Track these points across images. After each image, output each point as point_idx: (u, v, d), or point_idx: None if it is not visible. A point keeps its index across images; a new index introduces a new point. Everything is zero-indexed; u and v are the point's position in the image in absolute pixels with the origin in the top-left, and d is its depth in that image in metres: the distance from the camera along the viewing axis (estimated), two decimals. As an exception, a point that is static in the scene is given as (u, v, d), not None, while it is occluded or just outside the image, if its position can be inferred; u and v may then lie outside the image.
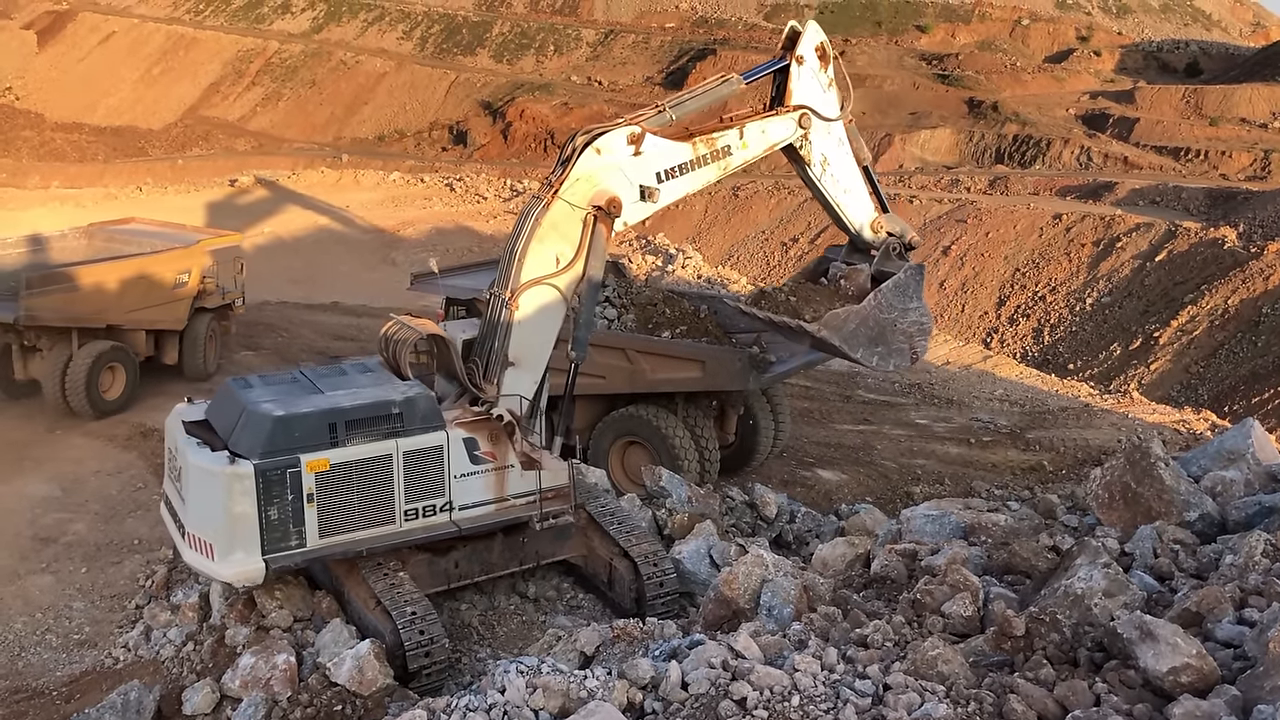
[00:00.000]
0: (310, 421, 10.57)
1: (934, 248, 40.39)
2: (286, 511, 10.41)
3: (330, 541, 10.72)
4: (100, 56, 72.83)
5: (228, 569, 10.43)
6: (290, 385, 11.45)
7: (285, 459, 10.35)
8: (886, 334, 13.70)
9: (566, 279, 11.82)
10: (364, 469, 10.75)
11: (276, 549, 10.45)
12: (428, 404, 11.24)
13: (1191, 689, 6.09)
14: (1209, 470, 10.01)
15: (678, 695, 6.85)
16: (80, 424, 19.66)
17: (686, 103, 12.70)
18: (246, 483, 10.21)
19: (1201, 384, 30.36)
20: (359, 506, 10.80)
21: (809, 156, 13.50)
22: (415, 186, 49.82)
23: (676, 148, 12.35)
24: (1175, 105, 54.01)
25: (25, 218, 32.23)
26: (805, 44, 13.32)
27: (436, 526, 11.27)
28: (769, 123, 13.16)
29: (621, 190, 11.90)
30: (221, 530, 10.38)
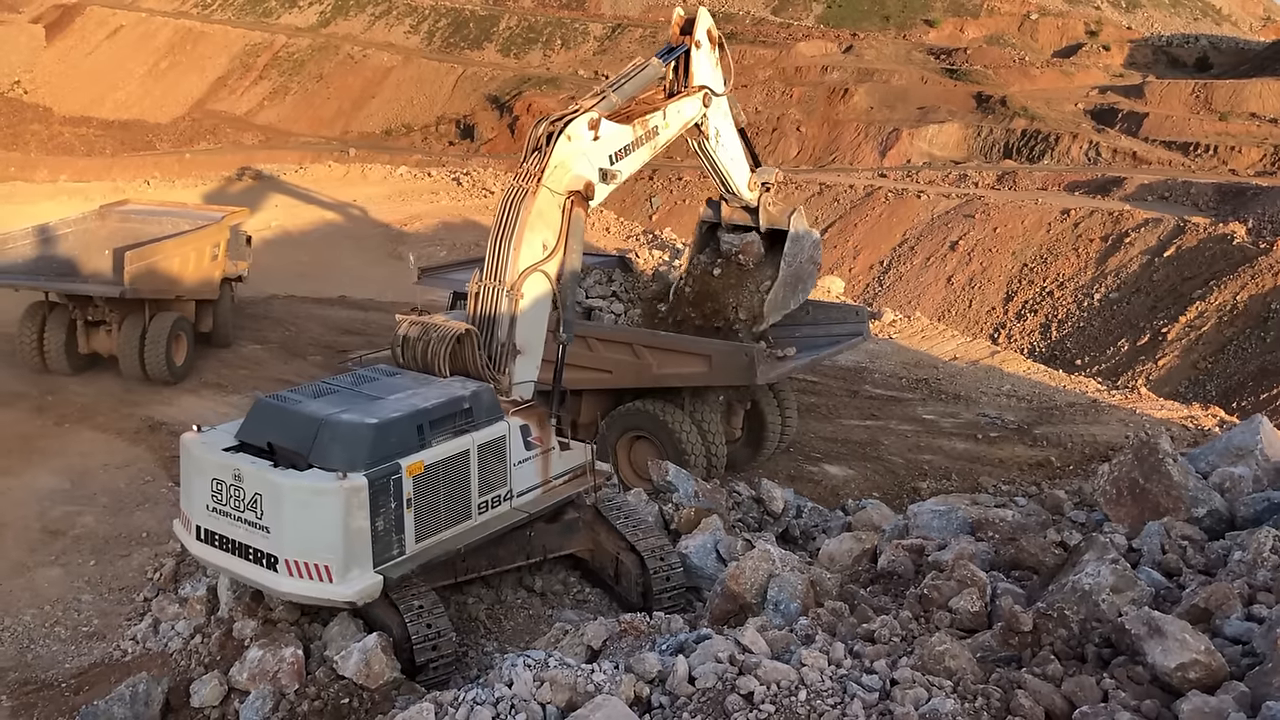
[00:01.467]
0: (402, 425, 10.36)
1: (941, 243, 40.33)
2: (390, 520, 10.13)
3: (425, 545, 10.54)
4: (108, 50, 73.00)
5: (349, 588, 9.97)
6: (342, 395, 11.01)
7: (388, 466, 10.07)
8: (801, 276, 16.82)
9: (553, 264, 12.17)
10: (449, 467, 10.69)
11: (383, 560, 10.14)
12: (490, 396, 11.37)
13: (1200, 685, 6.09)
14: (1217, 466, 9.99)
15: (685, 689, 6.86)
16: (89, 417, 19.72)
17: (624, 86, 13.35)
18: (362, 495, 9.83)
19: (1210, 380, 30.27)
20: (445, 505, 10.74)
21: (708, 130, 14.87)
22: (422, 180, 49.84)
23: (623, 130, 13.05)
24: (1185, 100, 53.82)
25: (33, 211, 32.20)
26: (700, 29, 14.45)
27: (504, 516, 11.37)
28: (682, 103, 14.26)
29: (590, 174, 12.41)
30: (338, 549, 9.87)
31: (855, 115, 54.95)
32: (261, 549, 10.11)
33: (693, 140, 15.04)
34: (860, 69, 60.18)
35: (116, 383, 21.62)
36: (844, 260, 41.51)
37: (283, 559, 9.99)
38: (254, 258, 26.03)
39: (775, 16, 72.10)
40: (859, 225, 42.82)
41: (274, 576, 10.10)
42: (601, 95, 12.94)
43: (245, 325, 25.85)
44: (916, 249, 40.77)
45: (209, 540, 10.57)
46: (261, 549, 10.11)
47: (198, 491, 10.56)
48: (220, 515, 10.37)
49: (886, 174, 48.68)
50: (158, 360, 21.15)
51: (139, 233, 22.40)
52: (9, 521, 15.38)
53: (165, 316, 21.55)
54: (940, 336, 29.16)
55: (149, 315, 21.34)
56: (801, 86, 57.88)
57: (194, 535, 10.72)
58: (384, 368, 12.01)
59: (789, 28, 69.77)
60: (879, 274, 40.72)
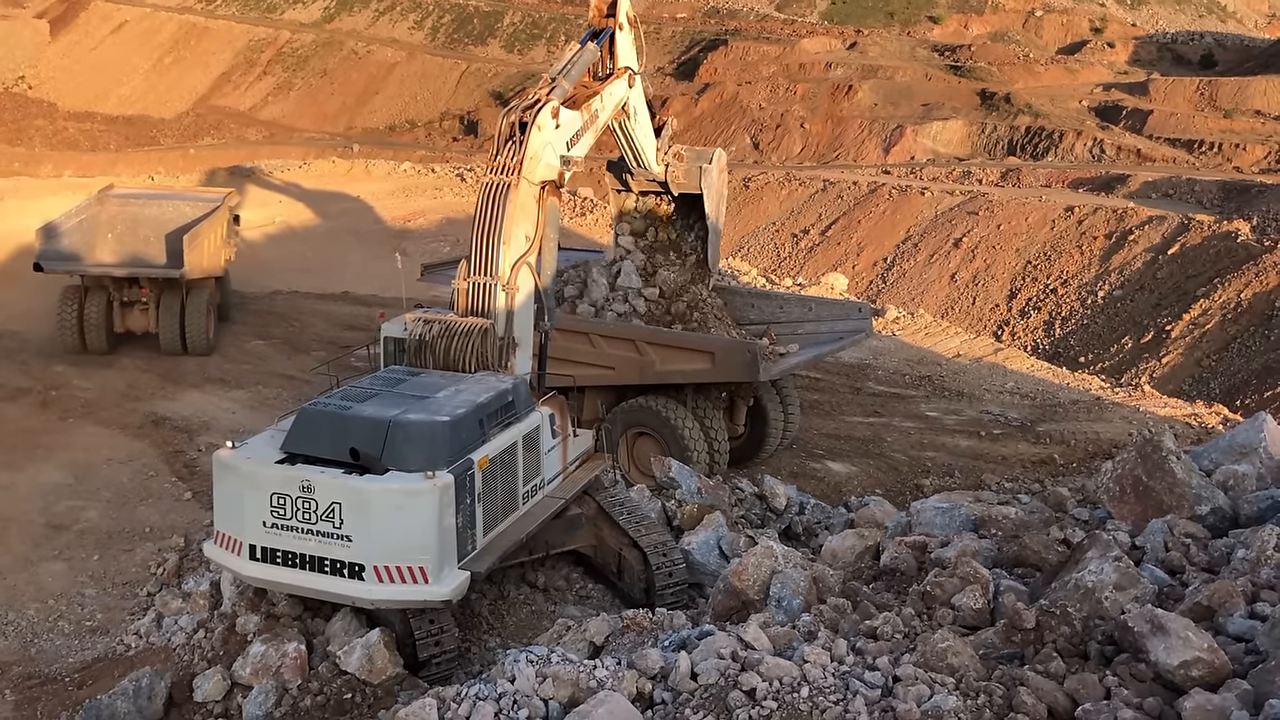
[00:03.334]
0: (469, 421, 10.43)
1: (945, 239, 40.28)
2: (467, 515, 10.20)
3: (490, 537, 10.58)
4: (112, 46, 73.01)
5: (445, 587, 9.97)
6: (388, 396, 10.86)
7: (464, 462, 10.15)
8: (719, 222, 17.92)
9: (533, 254, 12.30)
10: (504, 459, 10.85)
11: (463, 554, 10.20)
12: (525, 389, 11.64)
13: (1202, 683, 6.08)
14: (1221, 464, 9.98)
15: (687, 685, 6.87)
16: (92, 412, 19.75)
17: (571, 73, 13.58)
18: (449, 493, 9.84)
19: (1213, 378, 30.22)
20: (501, 497, 10.89)
21: (629, 109, 15.45)
22: (426, 176, 49.80)
23: (575, 116, 13.32)
24: (1189, 97, 53.68)
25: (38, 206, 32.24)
26: (623, 14, 15.01)
27: (542, 507, 11.57)
28: (613, 85, 14.76)
29: (555, 162, 12.58)
30: (433, 549, 9.85)
31: (859, 112, 54.87)
32: (342, 559, 9.89)
33: (614, 120, 15.41)
34: (864, 65, 60.09)
35: (120, 378, 21.68)
36: (847, 257, 41.48)
37: (370, 566, 9.84)
38: (257, 253, 26.43)
39: (779, 13, 71.99)
40: (863, 222, 42.77)
41: (360, 586, 9.94)
42: (553, 84, 13.01)
43: (248, 320, 25.89)
44: (920, 246, 40.72)
45: (269, 559, 10.18)
46: (342, 559, 9.89)
47: (251, 509, 10.16)
48: (284, 530, 10.04)
49: (890, 171, 48.60)
50: (199, 333, 22.91)
51: (140, 215, 23.25)
52: (13, 516, 15.42)
53: (200, 294, 23.21)
54: (944, 333, 29.13)
55: (186, 292, 22.93)
56: (805, 83, 57.80)
57: (246, 555, 10.28)
58: (404, 368, 11.93)
59: (793, 24, 69.67)
60: (882, 270, 40.67)
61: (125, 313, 23.00)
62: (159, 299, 22.83)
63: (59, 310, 22.55)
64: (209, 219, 23.49)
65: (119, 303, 22.84)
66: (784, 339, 18.18)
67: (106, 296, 22.70)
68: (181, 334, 22.84)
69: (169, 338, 22.81)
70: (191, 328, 22.86)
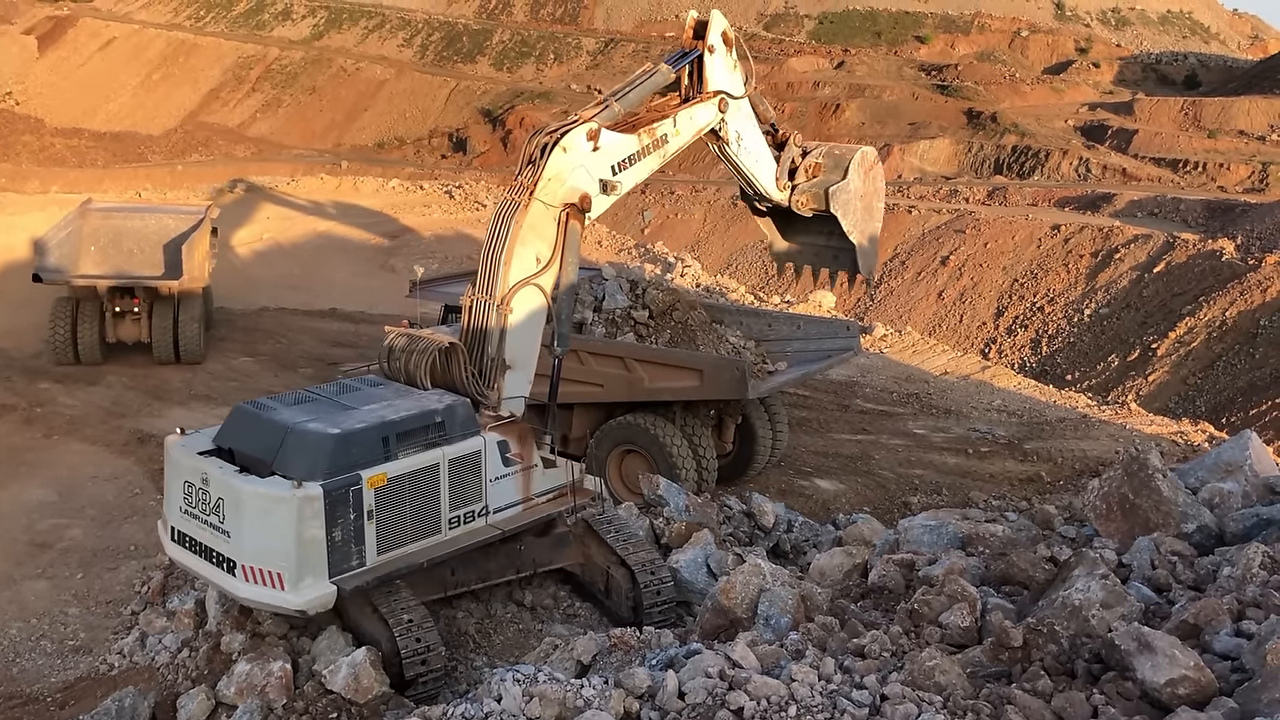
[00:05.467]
0: (367, 437, 10.36)
1: (932, 258, 40.44)
2: (349, 531, 10.14)
3: (388, 557, 10.52)
4: (100, 62, 72.95)
5: (299, 597, 10.02)
6: (317, 404, 11.10)
7: (348, 477, 10.08)
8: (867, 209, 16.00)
9: (547, 278, 12.01)
10: (415, 481, 10.65)
11: (340, 570, 10.16)
12: (465, 410, 11.30)
13: (1189, 701, 6.08)
14: (1207, 482, 10.01)
15: (674, 705, 6.84)
16: (77, 430, 19.65)
17: (628, 95, 13.04)
18: (316, 505, 9.85)
19: (1199, 395, 30.37)
20: (411, 519, 10.69)
21: (727, 135, 14.30)
22: (414, 194, 49.85)
23: (626, 140, 12.77)
24: (1174, 117, 54.13)
25: (24, 221, 32.22)
26: (714, 33, 13.92)
27: (477, 532, 11.28)
28: (696, 110, 13.79)
29: (586, 186, 12.19)
30: (291, 558, 9.91)
31: (847, 130, 55.12)
32: (223, 553, 10.28)
33: (713, 145, 14.60)
34: (852, 84, 60.44)
35: (105, 395, 21.59)
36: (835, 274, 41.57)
37: (240, 564, 10.11)
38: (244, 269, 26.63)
39: (767, 32, 72.43)
40: (850, 240, 42.90)
41: (232, 581, 10.27)
42: (604, 105, 12.67)
43: (236, 337, 25.85)
44: (907, 264, 40.88)
45: (181, 541, 10.82)
46: (223, 553, 10.28)
47: (174, 493, 10.82)
48: (190, 517, 10.61)
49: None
50: (192, 342, 23.41)
51: (122, 228, 23.64)
52: (-4, 534, 15.30)
53: (191, 303, 23.69)
54: (931, 351, 29.22)
55: (178, 302, 23.46)
56: (793, 102, 58.12)
57: (169, 536, 10.97)
58: (370, 378, 11.99)
59: (781, 43, 70.09)
60: (870, 289, 40.78)
61: (118, 323, 23.32)
62: (151, 309, 23.21)
63: (51, 322, 22.71)
64: (198, 230, 23.83)
65: (111, 313, 23.16)
66: (772, 357, 18.21)
67: (99, 307, 22.97)
68: (175, 343, 23.27)
69: (162, 347, 23.19)
70: (185, 337, 23.37)
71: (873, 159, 15.86)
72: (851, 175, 15.28)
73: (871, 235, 16.27)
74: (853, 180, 15.31)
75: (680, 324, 17.52)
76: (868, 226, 16.01)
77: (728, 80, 14.18)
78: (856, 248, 15.90)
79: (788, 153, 15.36)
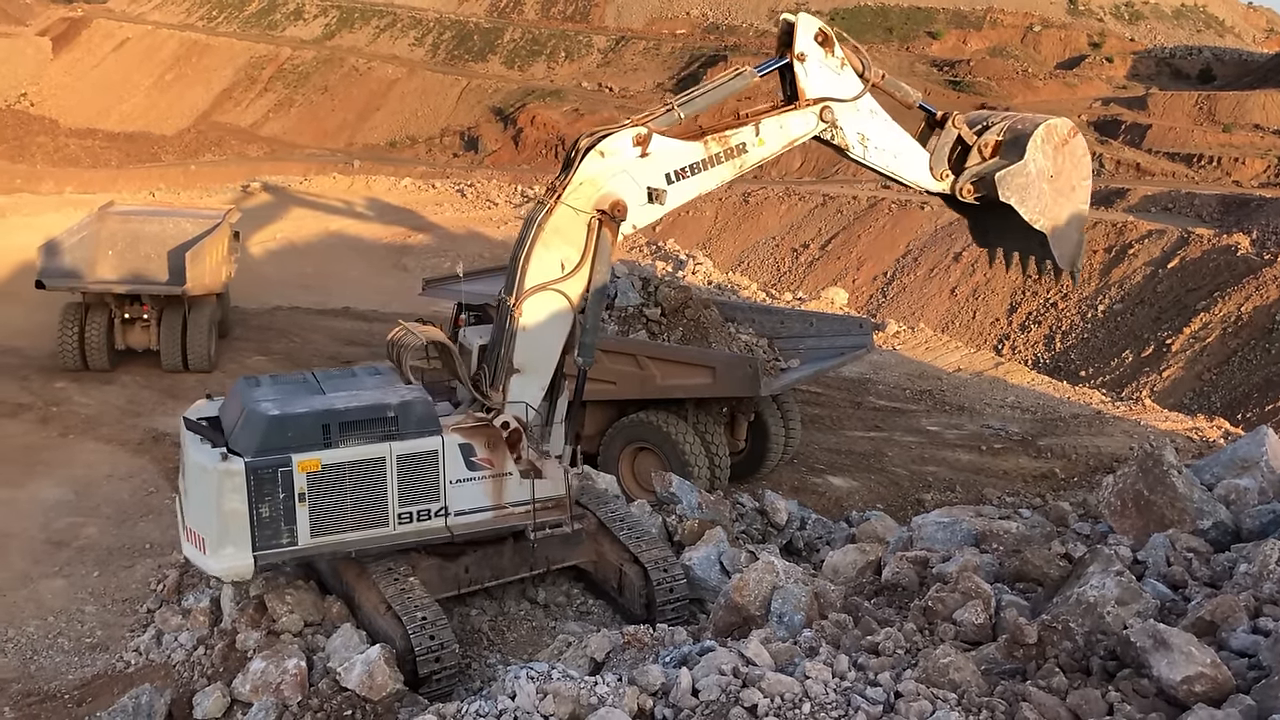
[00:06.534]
0: (304, 422, 10.70)
1: (945, 254, 40.31)
2: (278, 509, 10.54)
3: (322, 541, 10.82)
4: (114, 63, 73.31)
5: (218, 563, 10.68)
6: (297, 386, 11.62)
7: (277, 458, 10.50)
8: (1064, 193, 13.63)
9: (572, 284, 11.58)
10: (357, 471, 10.82)
11: (268, 546, 10.60)
12: (424, 408, 11.23)
13: (1206, 698, 6.06)
14: (1222, 478, 9.96)
15: (688, 702, 6.84)
16: (93, 429, 19.74)
17: (696, 100, 12.22)
18: (238, 479, 10.37)
19: (1214, 391, 30.20)
20: (352, 508, 10.86)
21: (844, 142, 12.89)
22: (426, 192, 49.94)
23: (687, 147, 11.97)
24: (1188, 112, 53.80)
25: (40, 222, 32.38)
26: (802, 39, 12.60)
27: (430, 531, 11.27)
28: (788, 118, 12.51)
29: (627, 193, 11.57)
30: (214, 525, 10.58)
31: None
32: (183, 513, 11.30)
33: (835, 151, 13.18)
34: (863, 81, 60.19)
35: (120, 394, 21.69)
36: (848, 271, 41.49)
37: (186, 524, 11.09)
38: (258, 269, 26.38)
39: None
40: (862, 236, 42.81)
41: (182, 538, 11.31)
42: (666, 109, 11.95)
43: (249, 336, 25.92)
44: (920, 260, 40.75)
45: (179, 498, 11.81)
46: (183, 513, 11.30)
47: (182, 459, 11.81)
48: (181, 478, 11.72)
49: (890, 185, 48.64)
50: (201, 350, 22.90)
51: (140, 232, 23.10)
52: (13, 533, 15.40)
53: (202, 310, 23.22)
54: (944, 348, 29.14)
55: (188, 309, 22.98)
56: (805, 98, 57.93)
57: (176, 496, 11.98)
58: (375, 367, 12.22)
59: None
60: (882, 285, 40.69)
61: (126, 330, 22.98)
62: (160, 316, 22.87)
63: (60, 328, 22.51)
64: (210, 236, 23.43)
65: (120, 319, 22.84)
66: (785, 354, 18.20)
67: (108, 313, 22.70)
68: (183, 351, 22.86)
69: (170, 355, 22.82)
70: (193, 345, 22.90)
71: (1065, 132, 13.53)
72: (1030, 155, 13.13)
73: (1069, 220, 13.79)
74: (1032, 161, 13.15)
75: (692, 321, 17.51)
76: (1060, 211, 13.64)
77: (831, 85, 12.72)
78: (1048, 237, 13.67)
79: (946, 135, 13.50)
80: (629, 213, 11.60)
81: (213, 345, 23.35)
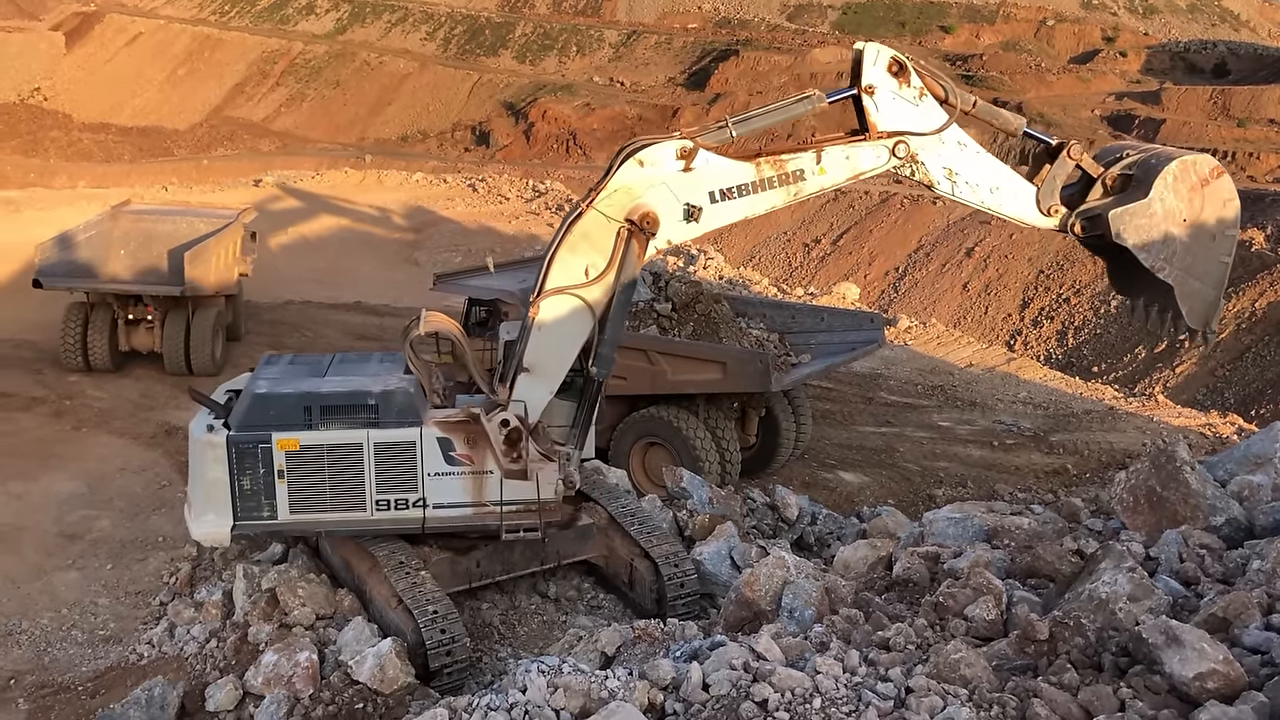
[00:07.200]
0: (287, 402, 11.17)
1: (957, 249, 40.22)
2: (258, 483, 11.06)
3: (300, 519, 11.27)
4: (127, 57, 73.54)
5: (198, 528, 11.43)
6: (307, 367, 12.13)
7: (258, 434, 11.00)
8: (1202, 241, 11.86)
9: (593, 291, 11.25)
10: (335, 454, 11.16)
11: (249, 517, 11.15)
12: (405, 399, 11.32)
13: (1218, 695, 6.04)
14: (1235, 474, 9.92)
15: (699, 696, 6.85)
16: (106, 422, 19.84)
17: (753, 120, 11.57)
18: (219, 451, 10.99)
19: (1228, 387, 30.07)
20: (330, 489, 11.20)
21: (928, 178, 11.85)
22: (438, 187, 49.97)
23: (737, 167, 11.35)
24: (1202, 106, 53.52)
25: (52, 216, 32.50)
26: (870, 72, 11.56)
27: (407, 520, 11.46)
28: (856, 149, 11.61)
29: (663, 207, 11.13)
30: (197, 492, 11.32)
31: (870, 122, 54.81)
32: None
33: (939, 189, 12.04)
34: (875, 75, 59.98)
35: (134, 387, 21.78)
36: (859, 266, 41.44)
37: (187, 489, 11.81)
38: (271, 263, 26.28)
39: (790, 23, 72.05)
40: (874, 232, 42.75)
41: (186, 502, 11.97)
42: (719, 125, 11.39)
43: (262, 330, 25.97)
44: (932, 255, 40.67)
45: None
46: None
47: None
48: None
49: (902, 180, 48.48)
50: (204, 354, 22.27)
51: (153, 232, 22.80)
52: (27, 525, 15.50)
53: (207, 312, 22.61)
54: (956, 343, 29.06)
55: (191, 311, 22.42)
56: (817, 93, 57.76)
57: None
58: (394, 354, 12.41)
59: (804, 34, 69.71)
60: (894, 280, 40.62)
61: (130, 331, 22.47)
62: (164, 317, 22.33)
63: (63, 328, 22.19)
64: (218, 235, 23.01)
65: (124, 320, 22.39)
66: (796, 349, 18.18)
67: (111, 314, 22.31)
68: (187, 354, 22.30)
69: (173, 357, 22.29)
70: (196, 348, 22.27)
71: (1205, 171, 11.73)
72: (1158, 193, 11.48)
73: (1204, 272, 11.93)
74: (1159, 200, 11.49)
75: (703, 316, 17.50)
76: (1192, 260, 11.83)
77: (907, 118, 11.61)
78: (1175, 290, 11.96)
79: (1060, 166, 11.96)
80: (661, 228, 11.16)
81: (218, 348, 22.75)
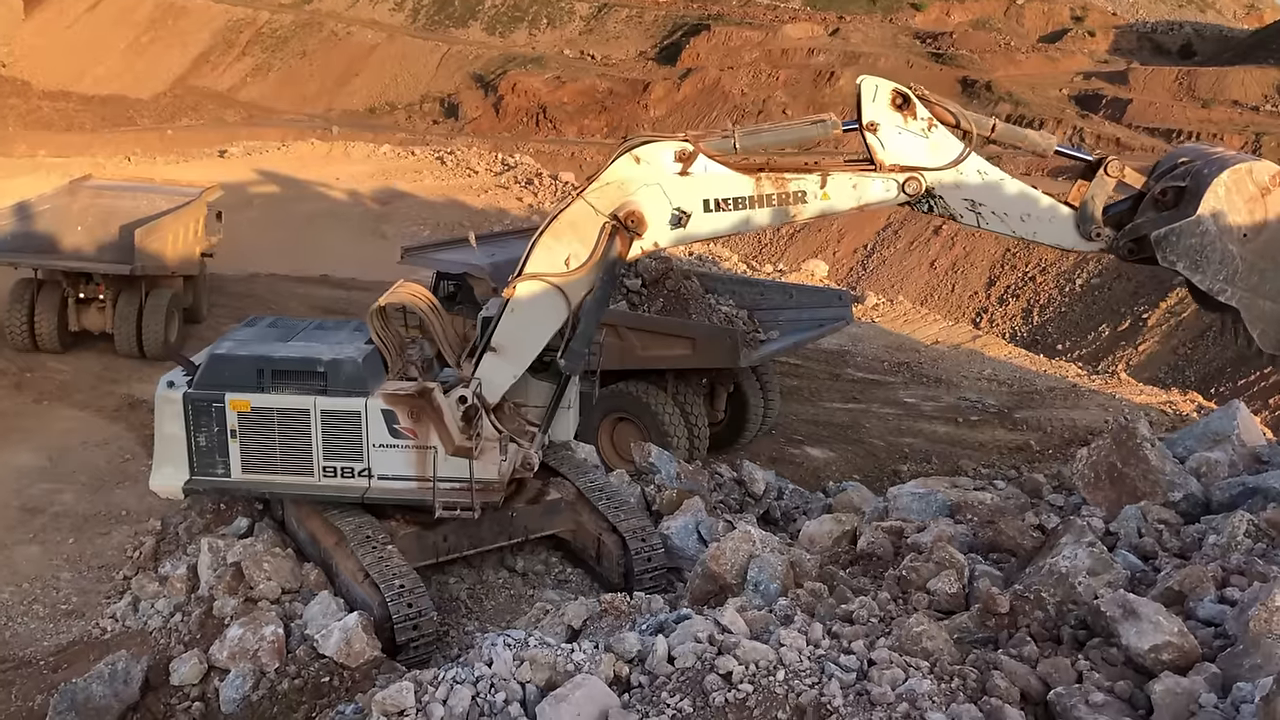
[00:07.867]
0: (241, 364, 11.45)
1: (925, 227, 40.43)
2: (213, 441, 11.42)
3: (251, 479, 11.54)
4: (88, 24, 72.22)
5: (156, 480, 11.88)
6: (279, 331, 12.40)
7: (212, 393, 11.32)
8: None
9: (571, 283, 10.95)
10: (284, 418, 11.36)
11: (204, 474, 11.52)
12: (354, 369, 11.31)
13: (1172, 666, 6.16)
14: (1194, 451, 10.09)
15: (664, 669, 6.89)
16: (68, 395, 19.59)
17: (761, 135, 11.08)
18: (175, 407, 11.40)
19: (1189, 366, 30.50)
20: (279, 452, 11.42)
21: (953, 209, 10.98)
22: (406, 159, 49.53)
23: (736, 179, 10.85)
24: (1168, 87, 54.01)
25: (11, 186, 31.90)
26: (870, 109, 10.77)
27: (351, 489, 11.57)
28: (865, 179, 10.85)
29: (652, 208, 10.72)
30: (159, 446, 11.76)
31: (841, 98, 54.85)
32: None
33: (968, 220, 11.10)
34: (846, 52, 60.09)
35: (96, 360, 21.47)
36: (828, 244, 41.58)
37: None
38: (236, 235, 25.90)
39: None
40: (843, 209, 42.89)
41: None
42: (724, 134, 10.90)
43: (227, 303, 25.69)
44: (900, 233, 40.86)
45: None
46: None
47: None
48: None
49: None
50: (156, 336, 21.22)
51: (112, 208, 21.95)
52: (-13, 499, 15.31)
53: (161, 293, 21.67)
54: (922, 321, 29.26)
55: (145, 292, 21.45)
56: (787, 69, 57.73)
57: None
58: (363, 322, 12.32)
59: (775, 10, 69.55)
60: (862, 258, 40.81)
61: (81, 310, 21.36)
62: (116, 297, 21.20)
63: (9, 305, 21.10)
64: (175, 213, 22.04)
65: (74, 299, 21.25)
66: (765, 326, 18.23)
67: (61, 292, 21.13)
68: (139, 336, 21.17)
69: (125, 339, 21.18)
70: (148, 330, 21.13)
71: (1265, 179, 10.02)
72: (1208, 207, 9.87)
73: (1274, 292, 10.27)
74: (1211, 215, 9.95)
75: (673, 292, 17.50)
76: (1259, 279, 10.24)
77: (917, 153, 10.79)
78: (1242, 313, 10.33)
79: (1099, 185, 10.67)
80: (648, 230, 10.77)
81: (173, 331, 21.64)
